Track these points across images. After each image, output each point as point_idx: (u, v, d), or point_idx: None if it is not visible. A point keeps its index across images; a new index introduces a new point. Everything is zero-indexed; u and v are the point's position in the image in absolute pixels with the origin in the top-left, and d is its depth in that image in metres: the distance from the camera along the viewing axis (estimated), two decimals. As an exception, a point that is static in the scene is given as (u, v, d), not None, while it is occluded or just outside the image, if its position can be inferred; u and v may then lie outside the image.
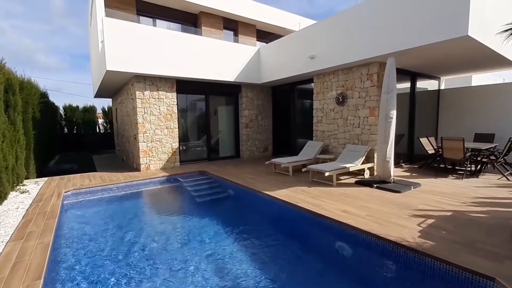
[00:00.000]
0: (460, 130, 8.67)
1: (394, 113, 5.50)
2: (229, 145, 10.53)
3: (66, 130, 16.25)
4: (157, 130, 8.37)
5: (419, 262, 2.87)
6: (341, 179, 6.40)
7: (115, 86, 9.92)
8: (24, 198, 5.37)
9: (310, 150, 7.90)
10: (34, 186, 6.33)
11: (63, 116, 16.19)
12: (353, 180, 6.33)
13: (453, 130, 8.96)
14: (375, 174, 6.43)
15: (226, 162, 9.43)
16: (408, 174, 6.77)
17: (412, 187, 5.39)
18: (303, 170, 6.47)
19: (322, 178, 6.16)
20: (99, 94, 12.42)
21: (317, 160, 7.56)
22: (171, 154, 8.70)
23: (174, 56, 8.00)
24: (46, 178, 7.20)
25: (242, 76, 9.41)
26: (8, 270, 2.74)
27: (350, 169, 6.22)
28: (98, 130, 17.36)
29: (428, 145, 7.17)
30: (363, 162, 6.56)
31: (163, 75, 8.03)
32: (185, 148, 9.34)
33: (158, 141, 8.41)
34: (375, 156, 6.62)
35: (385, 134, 5.61)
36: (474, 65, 7.44)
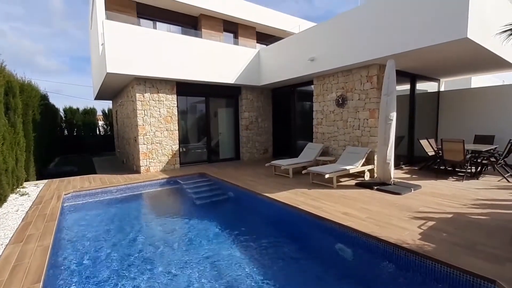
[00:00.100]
0: (460, 132, 8.67)
1: (394, 115, 5.50)
2: (229, 147, 10.53)
3: (66, 132, 16.23)
4: (157, 132, 8.37)
5: (420, 264, 2.86)
6: (341, 181, 6.39)
7: (116, 88, 9.94)
8: (23, 200, 5.37)
9: (310, 152, 7.90)
10: (34, 189, 6.33)
11: (63, 118, 16.16)
12: (353, 182, 6.33)
13: (453, 132, 8.96)
14: (375, 176, 6.43)
15: (226, 164, 9.43)
16: (408, 176, 6.77)
17: (412, 189, 5.38)
18: (303, 172, 6.46)
19: (322, 180, 6.15)
20: (100, 96, 12.45)
21: (317, 162, 7.55)
22: (171, 156, 8.70)
23: (175, 58, 8.02)
24: (46, 181, 7.20)
25: (242, 78, 9.43)
26: (7, 273, 2.73)
27: (350, 171, 6.22)
28: (98, 132, 17.33)
29: (428, 147, 7.17)
30: (363, 164, 6.56)
31: (164, 77, 8.05)
32: (185, 150, 9.35)
33: (158, 143, 8.41)
34: (375, 158, 6.61)
35: (385, 136, 5.61)
36: (474, 67, 7.46)
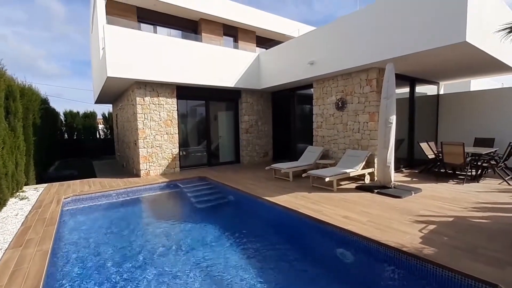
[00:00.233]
0: (459, 135, 8.68)
1: (393, 118, 5.51)
2: (229, 150, 10.53)
3: (66, 136, 16.26)
4: (157, 135, 8.38)
5: (421, 268, 2.85)
6: (341, 185, 6.38)
7: (116, 92, 9.97)
8: (23, 204, 5.35)
9: (310, 155, 7.89)
10: (33, 193, 6.32)
11: (64, 122, 16.21)
12: (353, 185, 6.31)
13: (452, 134, 8.97)
14: (376, 179, 6.42)
15: (226, 168, 9.43)
16: (408, 179, 6.76)
17: (412, 192, 5.37)
18: (303, 175, 6.45)
19: (322, 184, 6.14)
20: (100, 100, 12.48)
21: (317, 165, 7.55)
22: (171, 159, 8.69)
23: (175, 62, 8.06)
24: (45, 185, 7.19)
25: (242, 81, 9.47)
26: (6, 278, 2.71)
27: (351, 174, 6.21)
28: (98, 136, 17.38)
29: (428, 150, 7.17)
30: (364, 167, 6.55)
31: (164, 81, 8.08)
32: (185, 153, 9.34)
33: (158, 146, 8.41)
34: (375, 161, 6.61)
35: (385, 139, 5.61)
36: (473, 70, 7.49)
